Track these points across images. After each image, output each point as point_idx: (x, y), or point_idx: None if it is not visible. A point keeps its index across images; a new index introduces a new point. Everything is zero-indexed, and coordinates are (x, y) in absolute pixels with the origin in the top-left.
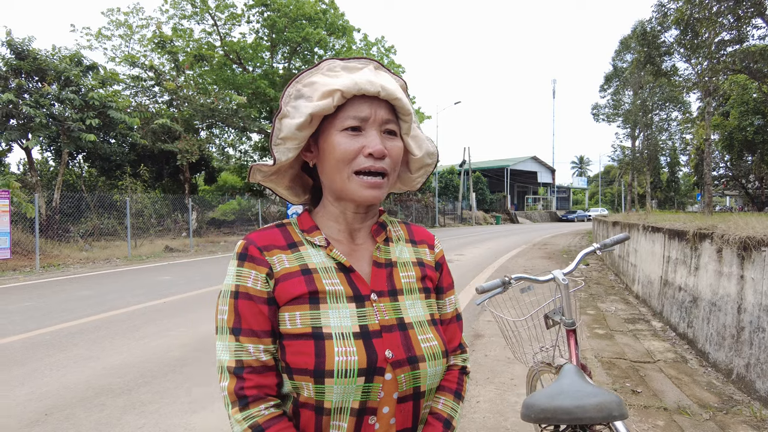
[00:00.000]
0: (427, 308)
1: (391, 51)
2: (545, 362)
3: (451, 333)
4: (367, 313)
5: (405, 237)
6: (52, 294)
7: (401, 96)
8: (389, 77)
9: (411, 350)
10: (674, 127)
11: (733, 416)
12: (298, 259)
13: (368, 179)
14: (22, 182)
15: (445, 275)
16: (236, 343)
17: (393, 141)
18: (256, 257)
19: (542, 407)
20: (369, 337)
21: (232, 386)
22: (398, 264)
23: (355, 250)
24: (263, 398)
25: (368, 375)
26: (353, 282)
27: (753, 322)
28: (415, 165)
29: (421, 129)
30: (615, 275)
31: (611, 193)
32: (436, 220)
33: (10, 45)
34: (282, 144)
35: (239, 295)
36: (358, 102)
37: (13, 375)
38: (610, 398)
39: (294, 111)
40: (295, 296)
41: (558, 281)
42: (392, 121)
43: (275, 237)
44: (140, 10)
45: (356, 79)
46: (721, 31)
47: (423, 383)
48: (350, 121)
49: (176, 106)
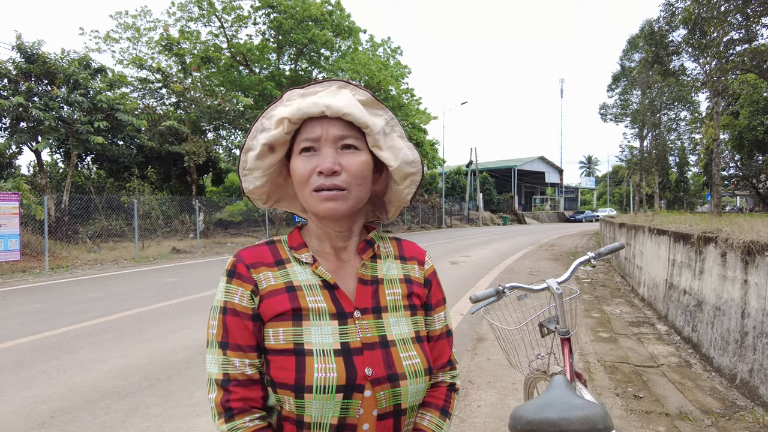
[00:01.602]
0: (413, 325)
1: (397, 52)
2: (540, 370)
3: (439, 350)
4: (349, 330)
5: (394, 253)
6: (61, 296)
7: (352, 111)
8: (348, 94)
9: (392, 368)
10: (683, 126)
11: (736, 422)
12: (284, 276)
13: (323, 193)
14: (32, 184)
15: (434, 292)
16: (223, 357)
17: (352, 156)
18: (243, 275)
19: (528, 419)
20: (349, 355)
21: (219, 398)
22: (385, 281)
23: (341, 267)
24: (248, 411)
25: (347, 392)
26: (337, 299)
27: (757, 327)
28: (398, 176)
29: (403, 138)
30: (621, 277)
31: (620, 194)
32: (443, 220)
33: (20, 49)
34: (249, 174)
35: (227, 311)
36: (311, 124)
37: (20, 377)
38: (596, 411)
39: (255, 143)
40: (278, 313)
41: (552, 290)
42: (350, 136)
43: (264, 254)
44: (148, 12)
45: (302, 103)
46: (730, 30)
47: (404, 400)
48: (304, 143)
49: (183, 108)
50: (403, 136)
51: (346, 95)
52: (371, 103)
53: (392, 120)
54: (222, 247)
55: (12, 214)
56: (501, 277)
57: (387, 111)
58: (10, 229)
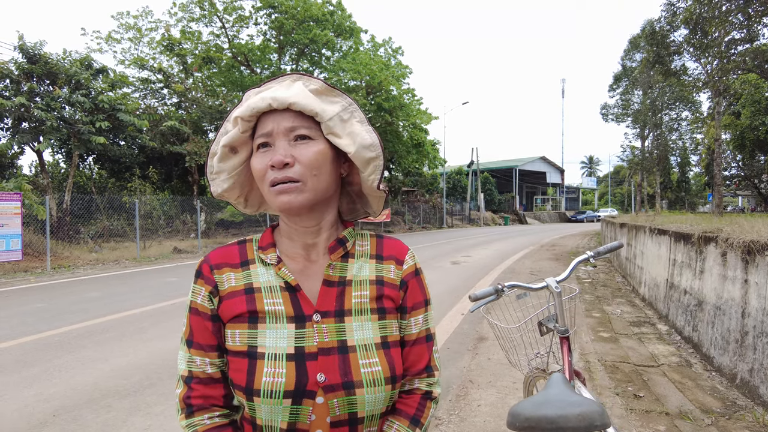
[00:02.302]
0: (379, 330)
1: (398, 52)
2: (540, 368)
3: (416, 355)
4: (306, 334)
5: (370, 252)
6: (62, 295)
7: (298, 100)
8: (300, 85)
9: (348, 375)
10: (684, 126)
11: (736, 421)
12: (246, 277)
13: (278, 187)
14: (34, 184)
15: (411, 294)
16: (188, 355)
17: (306, 146)
18: (206, 275)
19: (526, 416)
20: (303, 360)
21: (182, 394)
22: (354, 282)
23: (308, 267)
24: (207, 408)
25: (296, 397)
26: (297, 302)
27: (757, 327)
28: (359, 162)
29: (363, 123)
30: (622, 277)
31: (621, 194)
32: (444, 221)
33: (22, 49)
34: (216, 178)
35: (192, 310)
36: (264, 119)
37: (23, 376)
38: (593, 408)
39: (218, 147)
40: (235, 315)
41: (551, 289)
42: (302, 126)
43: (231, 255)
44: (149, 13)
45: (251, 100)
46: (731, 30)
47: (360, 409)
48: (259, 140)
49: (185, 108)
50: (363, 122)
51: (297, 86)
52: (325, 91)
53: (351, 106)
54: None
55: (14, 214)
56: (502, 277)
57: (345, 97)
58: (12, 229)
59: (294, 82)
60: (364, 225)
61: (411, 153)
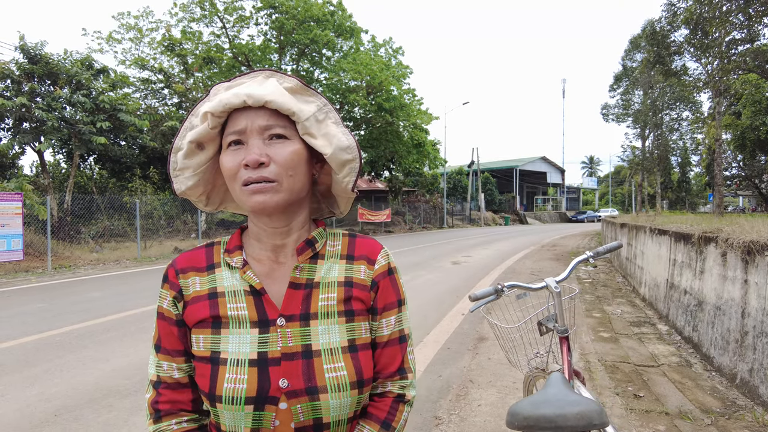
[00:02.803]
0: (347, 333)
1: (398, 52)
2: (539, 368)
3: (387, 357)
4: (270, 339)
5: (341, 253)
6: (63, 295)
7: (274, 98)
8: (274, 82)
9: (311, 380)
10: (685, 126)
11: (735, 421)
12: (210, 281)
13: (252, 186)
14: (35, 184)
15: (383, 295)
16: (156, 359)
17: (281, 146)
18: (171, 280)
19: (525, 415)
20: (265, 365)
21: (150, 399)
22: (321, 284)
23: (275, 270)
24: (175, 413)
25: (258, 403)
26: (262, 306)
27: (756, 327)
28: (335, 163)
29: (338, 125)
30: (622, 277)
31: (621, 194)
32: (444, 221)
33: (23, 49)
34: (180, 174)
35: (159, 315)
36: (236, 116)
37: (24, 376)
38: (592, 407)
39: (183, 142)
40: (199, 320)
41: (550, 289)
42: (277, 125)
43: (198, 258)
44: (150, 13)
45: (223, 96)
46: (732, 30)
47: (326, 415)
48: (230, 137)
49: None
50: (338, 123)
51: (271, 83)
52: (300, 90)
53: (326, 106)
54: None
55: (15, 214)
56: (502, 277)
57: (320, 97)
58: (14, 229)
59: (267, 78)
60: (365, 225)
61: (411, 153)
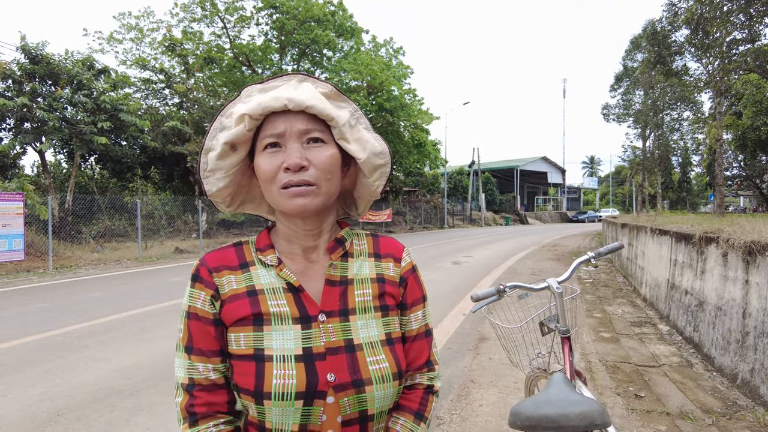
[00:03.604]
0: (383, 327)
1: (399, 52)
2: (541, 368)
3: (416, 350)
4: (313, 334)
5: (368, 251)
6: (65, 295)
7: (315, 103)
8: (310, 87)
9: (357, 373)
10: (686, 127)
11: (736, 421)
12: (247, 280)
13: (292, 189)
14: (36, 184)
15: (410, 290)
16: (188, 362)
17: (319, 150)
18: (205, 279)
19: (528, 415)
20: (311, 360)
21: (184, 403)
22: (355, 281)
23: (309, 267)
24: (212, 416)
25: (307, 398)
26: (301, 302)
27: (758, 327)
28: (367, 168)
29: (369, 130)
30: (623, 277)
31: (622, 194)
32: (445, 221)
33: (24, 50)
34: (211, 176)
35: (191, 315)
36: (274, 119)
37: (26, 376)
38: (594, 407)
39: (216, 143)
40: (239, 318)
41: (552, 289)
42: (315, 129)
43: (229, 257)
44: (151, 13)
45: (262, 98)
46: (733, 30)
47: (371, 406)
48: (267, 140)
49: (186, 109)
50: (369, 128)
51: (307, 88)
52: (334, 96)
53: (357, 112)
54: None
55: (16, 214)
56: (503, 277)
57: (351, 103)
58: (15, 229)
59: (300, 82)
60: (364, 225)
61: (412, 153)
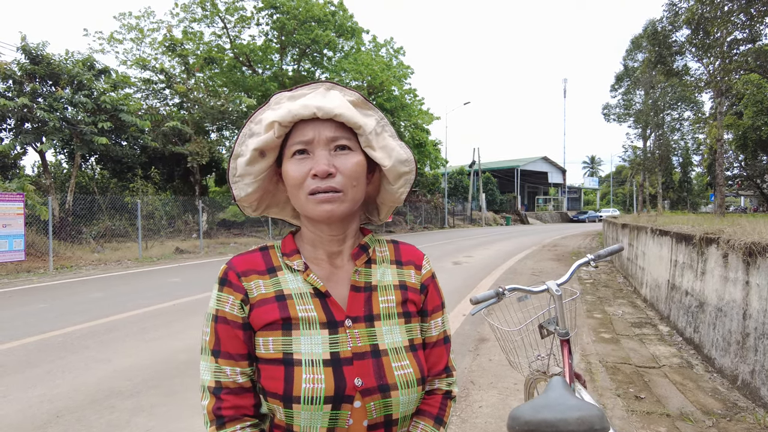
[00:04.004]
0: (406, 333)
1: (399, 52)
2: (540, 371)
3: (436, 357)
4: (340, 339)
5: (390, 258)
6: (65, 296)
7: (343, 111)
8: (338, 95)
9: (383, 378)
10: (686, 126)
11: (737, 423)
12: (275, 284)
13: (319, 196)
14: (37, 185)
15: (431, 297)
16: (215, 365)
17: (346, 157)
18: (234, 283)
19: (526, 420)
20: (339, 365)
21: (211, 406)
22: (379, 287)
23: (334, 273)
24: (239, 419)
25: (335, 402)
26: (328, 308)
27: (758, 329)
28: (392, 175)
29: (394, 138)
30: (623, 278)
31: (623, 194)
32: (445, 221)
33: (24, 50)
34: (240, 181)
35: (218, 319)
36: (302, 126)
37: (26, 376)
38: (593, 412)
39: (245, 149)
40: (268, 322)
41: (551, 292)
42: (343, 137)
43: (256, 261)
44: (151, 14)
45: (292, 106)
46: (734, 30)
47: (395, 411)
48: (296, 146)
49: (187, 109)
50: (394, 136)
51: (335, 96)
52: (361, 104)
53: (382, 120)
54: (225, 248)
55: (17, 214)
56: (503, 278)
57: (377, 111)
58: (15, 229)
59: (328, 90)
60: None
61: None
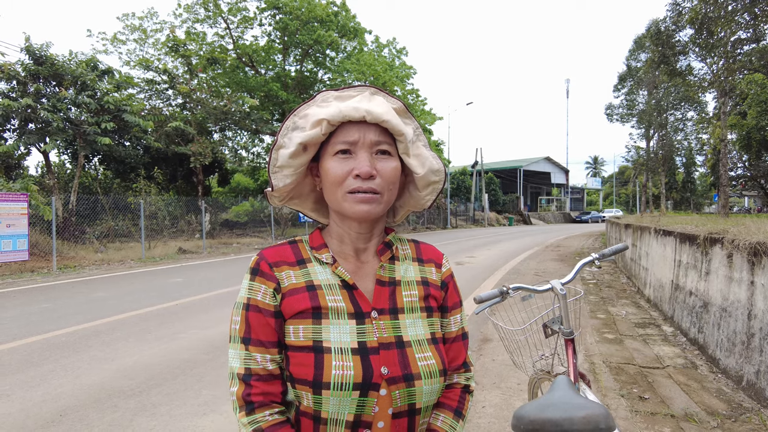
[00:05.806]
0: (428, 327)
1: (402, 52)
2: (545, 370)
3: (455, 352)
4: (367, 330)
5: (412, 256)
6: (68, 296)
7: (390, 118)
8: (383, 101)
9: (407, 368)
10: (690, 127)
11: (742, 424)
12: (305, 275)
13: (359, 195)
14: (40, 185)
15: (450, 294)
16: (246, 352)
17: (386, 161)
18: (266, 273)
19: (531, 419)
20: (366, 353)
21: (240, 392)
22: (402, 283)
23: (360, 267)
24: (268, 405)
25: (363, 389)
26: (355, 299)
27: (763, 329)
28: (421, 183)
29: (427, 147)
30: (627, 278)
31: (626, 194)
32: (448, 221)
33: (28, 51)
34: (279, 171)
35: (250, 307)
36: (348, 127)
37: (30, 376)
38: (598, 411)
39: (288, 142)
40: (299, 311)
41: (556, 291)
42: (385, 142)
43: (286, 253)
44: (155, 14)
45: (342, 107)
46: (737, 29)
47: (419, 400)
48: (340, 146)
49: (189, 109)
50: (427, 146)
51: (381, 102)
52: (402, 112)
53: (418, 129)
54: (228, 248)
55: (21, 214)
56: (506, 278)
57: (414, 120)
58: (19, 229)
59: (373, 95)
60: None
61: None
